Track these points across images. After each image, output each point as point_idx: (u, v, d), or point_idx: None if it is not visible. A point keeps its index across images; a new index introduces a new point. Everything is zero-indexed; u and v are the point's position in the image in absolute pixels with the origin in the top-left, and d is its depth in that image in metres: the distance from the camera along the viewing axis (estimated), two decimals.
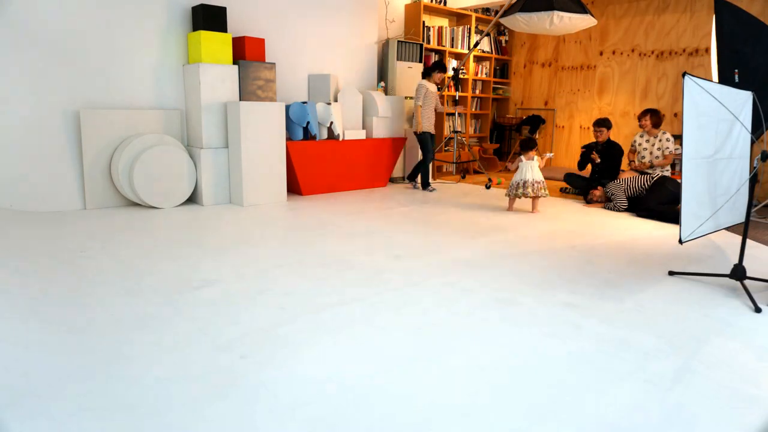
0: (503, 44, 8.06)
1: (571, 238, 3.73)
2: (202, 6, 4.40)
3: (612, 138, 5.62)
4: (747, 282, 2.67)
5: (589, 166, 5.66)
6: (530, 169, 4.58)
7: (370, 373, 1.76)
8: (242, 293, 2.47)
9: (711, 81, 2.83)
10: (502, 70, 8.11)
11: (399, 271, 2.86)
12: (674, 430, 1.50)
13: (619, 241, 3.69)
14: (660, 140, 5.12)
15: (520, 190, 4.57)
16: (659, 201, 4.70)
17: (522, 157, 4.63)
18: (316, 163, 5.18)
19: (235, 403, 1.57)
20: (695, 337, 2.12)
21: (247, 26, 4.97)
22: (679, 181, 5.12)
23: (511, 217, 4.38)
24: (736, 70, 4.32)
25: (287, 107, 4.97)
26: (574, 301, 2.50)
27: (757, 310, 2.42)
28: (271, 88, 4.77)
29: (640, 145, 5.28)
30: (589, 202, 5.25)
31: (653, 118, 5.13)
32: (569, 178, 5.82)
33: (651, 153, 5.17)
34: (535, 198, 4.63)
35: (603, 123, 5.47)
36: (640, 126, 5.22)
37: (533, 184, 4.55)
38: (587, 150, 5.58)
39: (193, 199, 4.64)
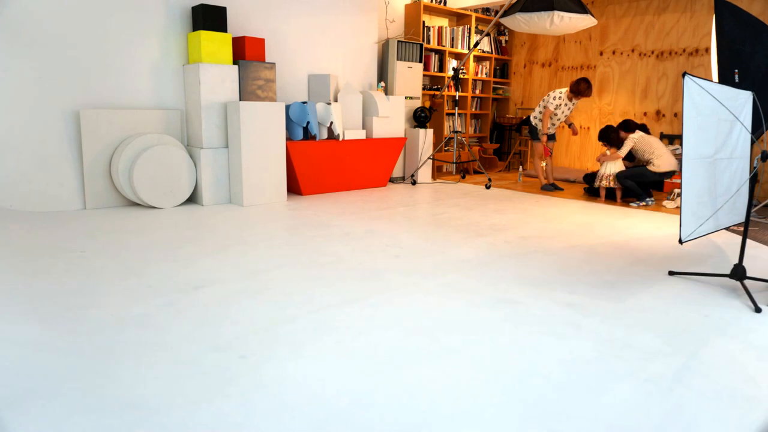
0: (503, 44, 8.06)
1: (571, 238, 3.73)
2: (202, 6, 4.40)
3: None
4: (747, 282, 2.67)
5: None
6: (613, 163, 5.35)
7: (369, 373, 1.76)
8: (242, 293, 2.47)
9: (711, 81, 2.83)
10: (502, 70, 8.11)
11: (399, 271, 2.86)
12: (674, 430, 1.50)
13: (619, 241, 3.69)
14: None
15: (603, 182, 5.40)
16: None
17: (608, 152, 5.40)
18: (316, 163, 5.18)
19: (235, 403, 1.57)
20: (695, 337, 2.12)
21: (247, 26, 4.97)
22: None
23: (511, 217, 4.39)
24: (736, 70, 4.32)
25: (287, 107, 4.97)
26: (574, 301, 2.50)
27: (757, 310, 2.42)
28: (271, 88, 4.78)
29: (563, 112, 6.04)
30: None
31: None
32: (588, 178, 5.86)
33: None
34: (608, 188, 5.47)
35: (627, 127, 5.60)
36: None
37: (606, 177, 5.37)
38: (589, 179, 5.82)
39: (193, 199, 4.65)
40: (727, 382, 1.77)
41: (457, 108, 6.17)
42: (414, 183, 6.16)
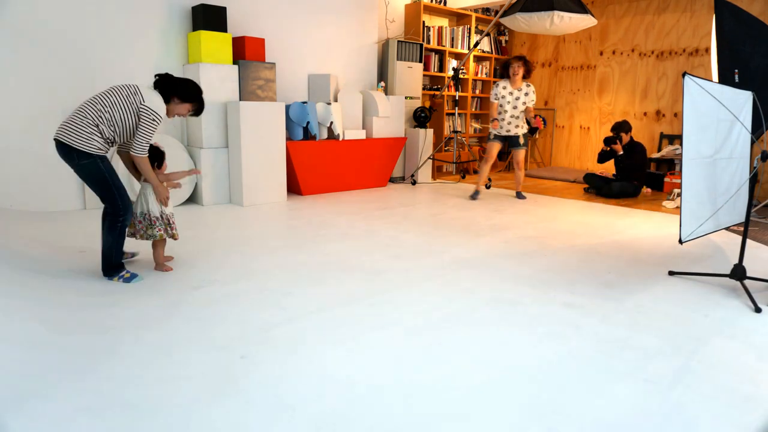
0: (503, 44, 8.05)
1: (571, 238, 3.73)
2: (202, 6, 4.40)
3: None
4: (747, 282, 2.67)
5: (613, 165, 5.72)
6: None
7: (370, 373, 1.76)
8: (242, 293, 2.47)
9: (711, 81, 2.83)
10: (502, 70, 8.10)
11: (398, 271, 2.86)
12: (674, 430, 1.50)
13: (619, 241, 3.69)
14: (526, 93, 5.16)
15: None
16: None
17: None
18: (316, 163, 5.18)
19: (235, 403, 1.57)
20: (695, 337, 2.12)
21: (247, 26, 4.97)
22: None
23: (511, 217, 4.39)
24: (736, 70, 4.32)
25: (287, 107, 4.97)
26: (574, 301, 2.50)
27: (757, 310, 2.42)
28: (271, 88, 4.77)
29: (503, 98, 5.18)
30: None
31: (526, 66, 5.12)
32: (589, 178, 5.87)
33: (515, 108, 5.15)
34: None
35: (619, 128, 5.55)
36: (512, 75, 5.18)
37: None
38: (608, 142, 5.65)
39: (193, 199, 4.64)
40: (727, 382, 1.77)
41: (457, 108, 6.16)
42: (414, 183, 6.16)
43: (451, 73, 7.03)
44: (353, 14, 5.85)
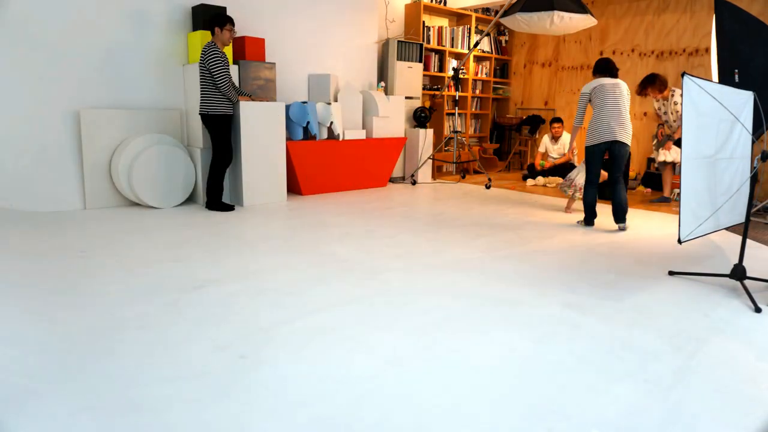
0: (503, 44, 8.06)
1: (571, 238, 3.73)
2: (202, 6, 4.40)
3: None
4: (747, 282, 2.67)
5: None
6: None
7: (370, 373, 1.76)
8: (242, 293, 2.47)
9: (711, 81, 2.83)
10: (502, 70, 8.11)
11: (399, 271, 2.86)
12: (674, 430, 1.50)
13: (619, 241, 3.69)
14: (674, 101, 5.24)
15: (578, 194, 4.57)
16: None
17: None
18: (316, 163, 5.18)
19: (235, 402, 1.57)
20: (695, 337, 2.12)
21: (247, 26, 4.97)
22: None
23: (511, 217, 4.39)
24: (736, 70, 4.32)
25: (287, 107, 4.97)
26: (574, 301, 2.50)
27: (757, 310, 2.42)
28: (271, 88, 4.77)
29: (664, 113, 5.38)
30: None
31: (657, 85, 5.25)
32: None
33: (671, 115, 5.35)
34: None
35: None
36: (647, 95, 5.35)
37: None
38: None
39: (192, 199, 4.64)
40: (727, 382, 1.77)
41: (457, 108, 6.16)
42: (414, 183, 6.16)
43: (451, 73, 7.03)
44: (353, 14, 5.85)
